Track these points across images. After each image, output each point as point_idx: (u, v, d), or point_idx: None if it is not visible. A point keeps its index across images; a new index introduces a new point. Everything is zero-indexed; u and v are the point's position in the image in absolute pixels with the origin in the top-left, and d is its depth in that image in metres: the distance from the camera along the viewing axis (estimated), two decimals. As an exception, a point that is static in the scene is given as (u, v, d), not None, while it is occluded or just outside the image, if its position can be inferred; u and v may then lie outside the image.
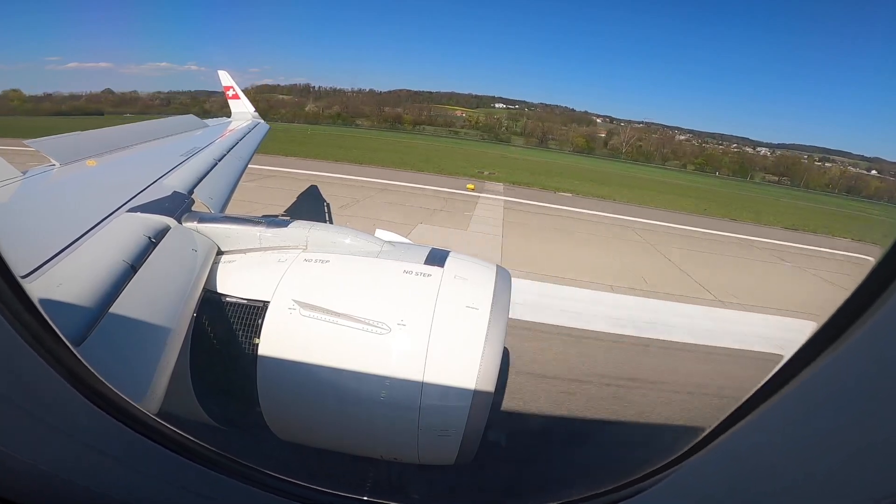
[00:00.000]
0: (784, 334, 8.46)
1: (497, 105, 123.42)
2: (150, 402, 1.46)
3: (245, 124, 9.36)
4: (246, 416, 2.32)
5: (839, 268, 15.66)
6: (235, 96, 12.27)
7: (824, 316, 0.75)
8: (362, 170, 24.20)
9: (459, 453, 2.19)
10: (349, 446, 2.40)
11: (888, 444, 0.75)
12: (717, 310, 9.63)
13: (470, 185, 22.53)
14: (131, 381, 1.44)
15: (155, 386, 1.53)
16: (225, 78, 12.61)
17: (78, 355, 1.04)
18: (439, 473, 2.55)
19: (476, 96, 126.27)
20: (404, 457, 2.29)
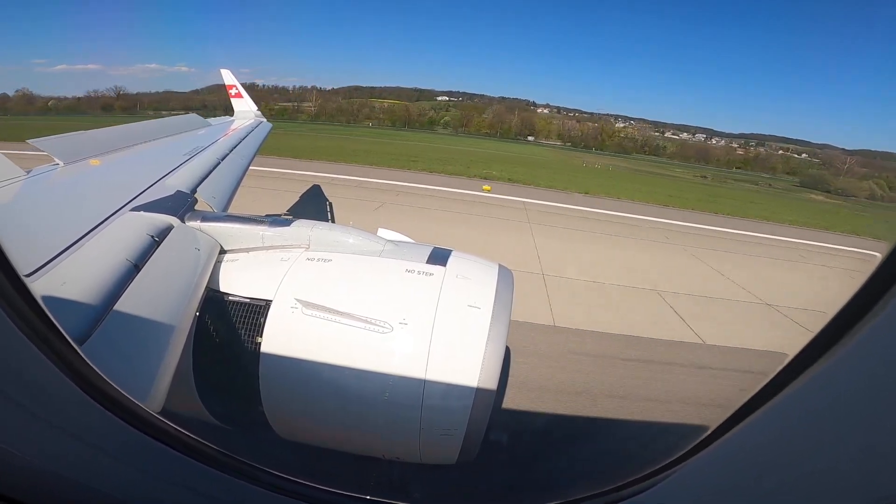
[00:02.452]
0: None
1: (440, 98, 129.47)
2: (152, 401, 1.46)
3: (248, 123, 9.36)
4: (248, 414, 2.32)
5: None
6: (238, 95, 12.26)
7: (828, 315, 0.75)
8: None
9: (461, 452, 2.19)
10: (350, 445, 2.41)
11: (893, 445, 0.75)
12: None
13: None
14: (134, 380, 1.45)
15: (158, 384, 1.53)
16: (227, 77, 12.61)
17: (81, 353, 1.05)
18: (441, 473, 2.55)
19: (418, 90, 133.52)
20: (406, 456, 2.29)
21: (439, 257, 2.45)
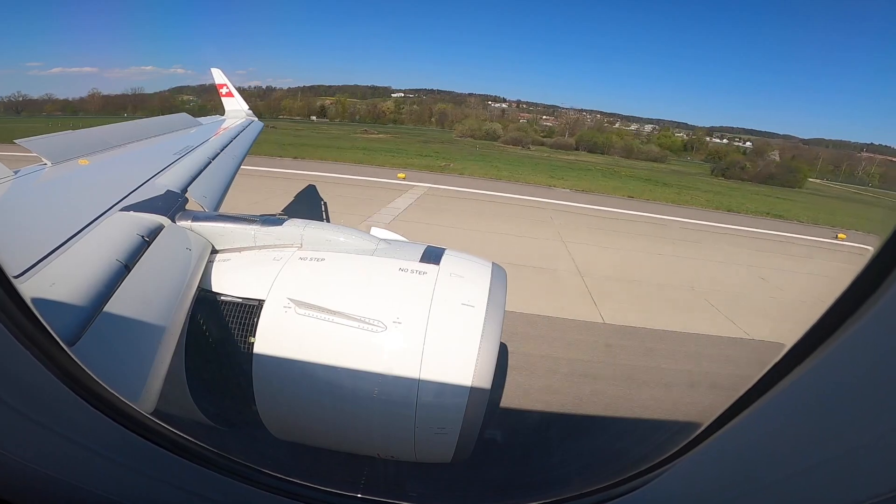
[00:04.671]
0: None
1: (394, 94, 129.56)
2: (145, 402, 1.45)
3: (239, 122, 9.29)
4: (242, 414, 2.31)
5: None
6: (229, 94, 12.15)
7: (822, 309, 0.75)
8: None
9: (456, 450, 2.19)
10: (346, 444, 2.40)
11: (887, 439, 0.75)
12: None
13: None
14: (126, 381, 1.43)
15: (150, 385, 1.52)
16: (218, 76, 12.49)
17: (72, 355, 1.03)
18: (436, 471, 2.55)
19: (372, 87, 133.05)
20: (401, 454, 2.29)
21: (433, 256, 2.44)
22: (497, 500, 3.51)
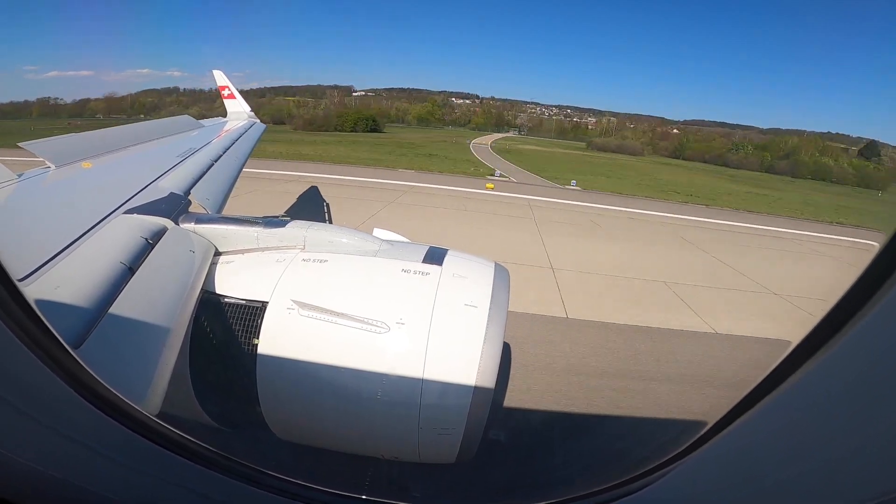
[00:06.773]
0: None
1: (355, 93, 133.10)
2: (149, 404, 1.45)
3: (241, 124, 9.31)
4: (246, 416, 2.31)
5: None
6: (231, 96, 12.15)
7: (826, 307, 0.74)
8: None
9: (460, 451, 2.19)
10: (349, 445, 2.40)
11: (892, 436, 0.75)
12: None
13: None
14: (131, 383, 1.44)
15: (154, 387, 1.52)
16: (220, 77, 12.50)
17: (77, 358, 1.04)
18: (440, 472, 2.55)
19: (334, 86, 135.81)
20: (405, 455, 2.29)
21: (435, 256, 2.45)
22: (501, 501, 3.51)
